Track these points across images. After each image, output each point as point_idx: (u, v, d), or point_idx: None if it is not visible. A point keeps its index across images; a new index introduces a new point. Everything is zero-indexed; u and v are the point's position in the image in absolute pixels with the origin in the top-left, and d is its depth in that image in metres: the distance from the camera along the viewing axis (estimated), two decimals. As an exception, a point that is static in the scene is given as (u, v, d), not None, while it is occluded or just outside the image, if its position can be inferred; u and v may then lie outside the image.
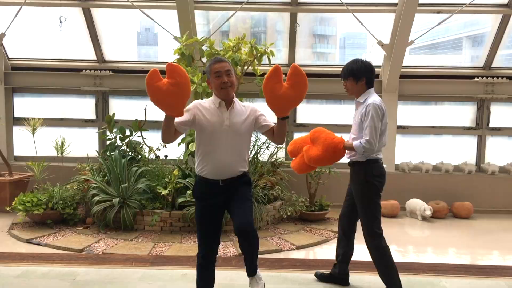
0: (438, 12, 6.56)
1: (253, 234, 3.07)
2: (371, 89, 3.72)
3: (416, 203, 6.64)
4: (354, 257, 4.92)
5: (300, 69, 2.94)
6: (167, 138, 3.05)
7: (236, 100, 3.20)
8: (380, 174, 3.72)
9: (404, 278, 4.19)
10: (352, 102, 7.37)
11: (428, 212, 6.45)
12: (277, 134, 3.13)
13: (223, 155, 3.06)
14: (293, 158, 3.85)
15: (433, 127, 7.37)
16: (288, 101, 2.96)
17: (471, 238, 5.90)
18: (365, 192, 3.70)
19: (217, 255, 3.25)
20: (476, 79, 7.07)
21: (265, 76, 2.97)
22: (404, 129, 7.34)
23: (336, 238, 4.10)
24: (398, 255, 5.27)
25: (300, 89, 2.94)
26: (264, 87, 2.96)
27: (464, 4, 6.25)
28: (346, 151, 3.69)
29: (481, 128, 7.32)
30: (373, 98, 3.64)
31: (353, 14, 6.36)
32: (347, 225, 3.96)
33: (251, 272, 3.25)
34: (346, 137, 3.91)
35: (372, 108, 3.56)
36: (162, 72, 2.81)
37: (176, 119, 3.00)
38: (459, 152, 7.39)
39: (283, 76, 2.98)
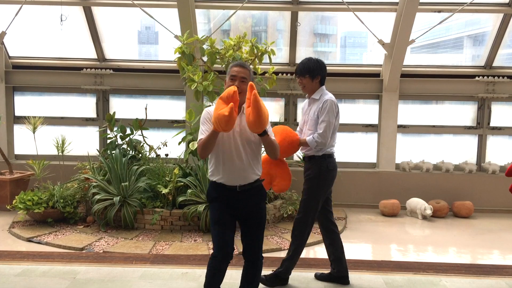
0: (439, 11, 6.55)
1: (260, 264, 3.23)
2: (323, 87, 3.87)
3: (416, 202, 6.64)
4: (354, 257, 4.94)
5: (256, 98, 2.83)
6: (207, 152, 3.05)
7: (244, 105, 3.15)
8: (333, 168, 3.87)
9: (404, 277, 4.21)
10: (352, 102, 7.44)
11: (429, 211, 6.45)
12: (266, 150, 3.14)
13: (235, 160, 3.05)
14: None
15: (433, 126, 7.37)
16: (249, 123, 2.91)
17: (471, 237, 5.90)
18: (318, 185, 3.80)
19: (232, 258, 3.14)
20: (477, 78, 7.06)
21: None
22: (404, 128, 7.33)
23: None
24: (398, 254, 5.27)
25: (256, 116, 2.84)
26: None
27: (465, 3, 6.24)
28: (301, 146, 3.84)
29: (482, 127, 7.32)
30: (329, 95, 3.81)
31: (354, 13, 6.36)
32: (325, 221, 4.02)
33: None
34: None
35: (330, 104, 3.72)
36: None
37: (201, 136, 3.04)
38: (459, 151, 7.39)
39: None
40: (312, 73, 3.78)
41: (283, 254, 4.99)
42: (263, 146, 3.18)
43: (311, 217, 3.85)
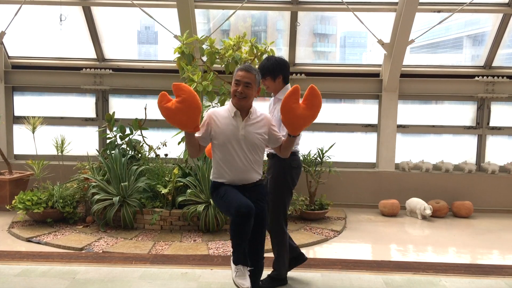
0: (439, 11, 6.55)
1: (261, 262, 3.29)
2: (288, 85, 3.81)
3: (416, 202, 6.64)
4: (354, 257, 4.95)
5: (317, 91, 3.05)
6: (194, 153, 3.18)
7: (254, 109, 3.24)
8: (298, 166, 3.87)
9: (404, 277, 4.21)
10: (352, 102, 7.44)
11: (428, 211, 6.45)
12: (285, 149, 3.26)
13: (238, 163, 3.12)
14: None
15: (433, 126, 7.37)
16: (304, 121, 3.09)
17: (471, 237, 5.90)
18: (283, 183, 3.77)
19: (254, 210, 3.02)
20: (476, 78, 7.06)
21: (285, 95, 3.06)
22: (404, 128, 7.34)
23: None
24: (398, 254, 5.27)
25: (315, 110, 3.09)
26: (282, 106, 3.06)
27: (465, 3, 6.24)
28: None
29: (481, 127, 7.32)
30: None
31: (354, 13, 6.35)
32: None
33: None
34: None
35: None
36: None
37: (196, 134, 3.09)
38: (459, 151, 7.39)
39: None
40: (273, 73, 3.73)
41: (282, 254, 4.99)
42: (275, 145, 3.28)
43: (283, 220, 3.81)
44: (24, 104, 7.42)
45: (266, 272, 4.03)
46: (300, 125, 3.13)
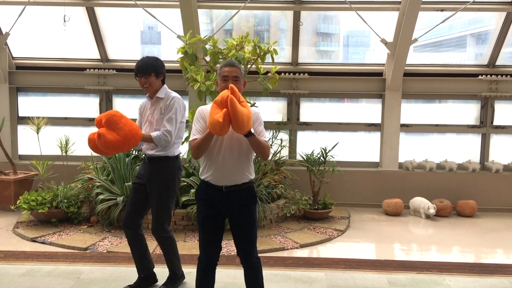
0: (442, 10, 6.54)
1: (255, 263, 3.13)
2: (166, 86, 3.76)
3: (420, 202, 6.63)
4: (358, 256, 4.95)
5: (232, 103, 2.71)
6: (202, 153, 3.01)
7: None
8: (182, 169, 3.84)
9: (408, 276, 4.21)
10: (355, 101, 7.43)
11: (432, 211, 6.44)
12: (252, 149, 3.00)
13: (226, 160, 3.00)
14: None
15: (437, 125, 7.36)
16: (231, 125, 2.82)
17: (475, 236, 5.89)
18: (171, 186, 3.69)
19: (218, 260, 3.18)
20: (480, 77, 7.05)
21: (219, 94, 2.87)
22: (407, 127, 7.32)
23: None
24: (401, 254, 5.27)
25: (233, 119, 2.74)
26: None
27: (468, 1, 6.23)
28: (142, 142, 3.64)
29: (485, 126, 7.30)
30: (175, 93, 3.71)
31: (357, 12, 6.35)
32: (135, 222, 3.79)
33: None
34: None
35: (177, 101, 3.64)
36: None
37: (196, 135, 2.99)
38: (463, 150, 7.37)
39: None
40: (157, 71, 3.65)
41: (286, 253, 5.01)
42: None
43: (167, 223, 3.74)
44: (28, 104, 7.45)
45: (268, 271, 4.05)
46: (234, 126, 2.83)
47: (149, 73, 3.63)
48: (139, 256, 3.83)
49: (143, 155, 3.82)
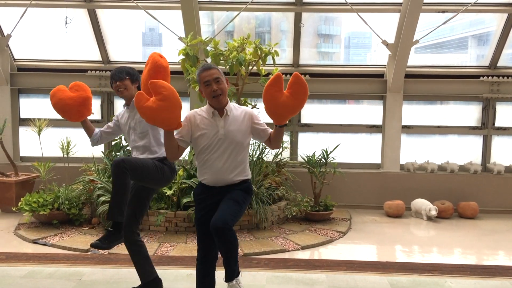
0: (443, 11, 6.54)
1: (227, 233, 2.84)
2: None
3: (421, 203, 6.62)
4: (359, 258, 4.94)
5: (302, 78, 2.90)
6: (173, 155, 3.01)
7: (231, 105, 3.12)
8: (175, 172, 3.73)
9: (409, 278, 4.20)
10: (356, 102, 7.43)
11: (434, 212, 6.43)
12: (274, 140, 3.07)
13: (220, 164, 3.03)
14: None
15: (438, 126, 7.35)
16: (287, 110, 2.90)
17: (476, 238, 5.88)
18: (150, 190, 3.61)
19: (217, 260, 3.18)
20: (481, 78, 7.04)
21: (266, 84, 2.93)
22: (409, 129, 7.32)
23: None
24: (403, 255, 5.26)
25: (300, 98, 2.90)
26: (264, 94, 2.91)
27: (469, 3, 6.23)
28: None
29: (487, 127, 7.29)
30: None
31: (358, 14, 6.35)
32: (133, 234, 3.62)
33: (228, 277, 3.04)
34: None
35: None
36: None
37: (176, 135, 2.98)
38: (464, 151, 7.36)
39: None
40: (132, 76, 3.61)
41: (287, 255, 5.01)
42: (262, 138, 3.12)
43: (136, 228, 3.57)
44: (29, 106, 7.46)
45: (269, 272, 4.05)
46: (285, 115, 2.94)
47: (123, 77, 3.58)
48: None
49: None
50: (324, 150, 6.53)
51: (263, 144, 6.29)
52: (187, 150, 6.46)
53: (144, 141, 3.56)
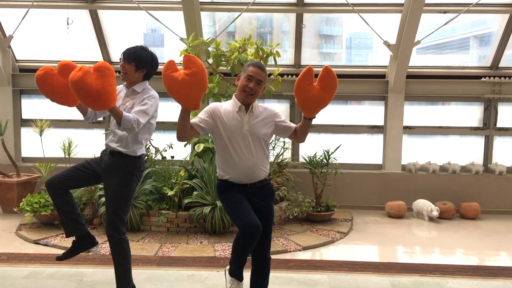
0: (445, 12, 6.53)
1: (268, 263, 3.21)
2: (146, 82, 3.48)
3: (423, 204, 6.61)
4: (360, 258, 4.94)
5: (332, 71, 2.96)
6: (182, 134, 2.95)
7: (256, 103, 3.15)
8: (143, 170, 3.62)
9: (410, 279, 4.19)
10: (357, 103, 7.42)
11: (435, 213, 6.42)
12: (302, 133, 3.18)
13: (247, 159, 3.03)
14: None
15: (440, 127, 7.34)
16: (319, 102, 3.01)
17: (478, 238, 5.87)
18: (130, 186, 3.48)
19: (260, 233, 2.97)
20: (483, 79, 7.03)
21: (298, 77, 2.96)
22: (410, 130, 7.31)
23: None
24: (404, 256, 5.26)
25: (331, 91, 2.99)
26: (296, 87, 2.97)
27: (471, 3, 6.22)
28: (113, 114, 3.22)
29: (489, 128, 7.28)
30: (155, 92, 3.45)
31: (359, 15, 6.35)
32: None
33: None
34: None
35: (154, 99, 3.39)
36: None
37: (194, 119, 2.99)
38: (466, 152, 7.35)
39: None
40: (140, 62, 3.38)
41: (289, 256, 5.01)
42: (286, 133, 3.20)
43: (123, 225, 3.45)
44: (31, 107, 7.47)
45: (270, 273, 4.04)
46: (315, 107, 3.03)
47: (129, 59, 3.39)
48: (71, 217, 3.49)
49: (104, 149, 3.56)
50: (325, 150, 6.53)
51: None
52: (189, 150, 6.50)
53: (124, 133, 3.36)
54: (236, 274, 3.08)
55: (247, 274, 3.20)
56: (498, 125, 7.27)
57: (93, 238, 3.61)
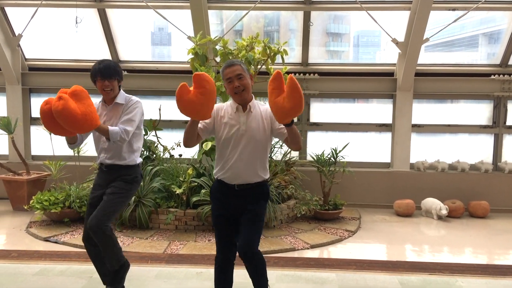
0: (454, 9, 6.49)
1: (256, 258, 3.05)
2: (122, 90, 3.60)
3: (432, 202, 6.58)
4: (369, 257, 4.93)
5: (295, 82, 2.72)
6: (190, 142, 3.02)
7: (255, 102, 3.12)
8: (142, 177, 3.70)
9: (419, 277, 4.18)
10: (365, 101, 7.40)
11: (444, 212, 6.39)
12: (290, 140, 2.98)
13: (239, 160, 3.03)
14: None
15: (449, 125, 7.30)
16: (283, 111, 2.78)
17: (487, 237, 5.83)
18: (129, 194, 3.55)
19: (234, 259, 3.19)
20: (492, 76, 6.98)
21: (270, 79, 2.87)
22: (419, 128, 7.28)
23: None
24: (413, 255, 5.24)
25: (294, 102, 2.72)
26: (268, 91, 2.86)
27: (480, 0, 6.17)
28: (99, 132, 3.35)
29: (498, 126, 7.22)
30: (136, 97, 3.58)
31: (367, 12, 6.33)
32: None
33: None
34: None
35: (140, 106, 3.53)
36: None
37: (199, 125, 3.02)
38: (475, 150, 7.30)
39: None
40: (120, 76, 3.54)
41: (297, 254, 5.01)
42: (284, 140, 3.08)
43: (110, 221, 3.47)
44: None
45: (278, 271, 4.05)
46: (281, 115, 2.81)
47: (113, 77, 3.46)
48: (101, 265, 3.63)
49: (98, 165, 3.64)
50: (333, 149, 6.52)
51: (276, 142, 6.33)
52: (197, 148, 6.52)
53: (115, 145, 3.44)
54: None
55: (243, 272, 3.20)
56: (508, 123, 7.21)
57: (128, 264, 3.71)
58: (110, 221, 3.44)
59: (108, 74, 3.43)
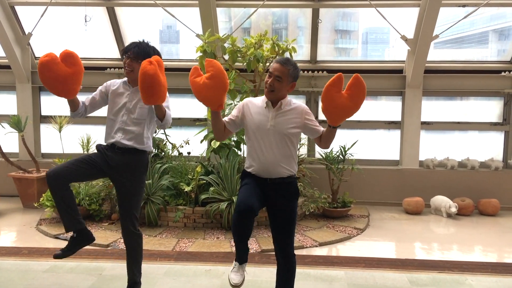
0: (464, 5, 6.43)
1: (292, 259, 3.19)
2: None
3: (441, 200, 6.54)
4: (378, 255, 4.91)
5: (362, 81, 2.93)
6: (218, 135, 3.13)
7: (288, 100, 3.12)
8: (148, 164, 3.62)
9: (429, 275, 4.16)
10: (374, 99, 7.36)
11: (454, 209, 6.35)
12: (326, 140, 3.11)
13: (268, 154, 3.05)
14: None
15: (458, 122, 7.24)
16: (344, 111, 2.95)
17: (497, 235, 5.79)
18: (143, 181, 3.50)
19: (256, 214, 2.95)
20: (503, 73, 6.91)
21: (327, 83, 2.93)
22: (428, 125, 7.23)
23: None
24: (422, 253, 5.21)
25: (358, 101, 2.94)
26: (323, 94, 2.93)
27: (491, -4, 6.12)
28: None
29: (508, 123, 7.16)
30: None
31: (376, 9, 6.29)
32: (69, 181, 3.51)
33: None
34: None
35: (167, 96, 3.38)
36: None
37: (226, 118, 3.09)
38: (485, 148, 7.25)
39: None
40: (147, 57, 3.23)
41: (305, 252, 5.01)
42: (314, 136, 3.14)
43: (137, 220, 3.51)
44: (50, 103, 7.57)
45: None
46: (341, 116, 2.99)
47: (138, 58, 3.34)
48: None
49: (108, 145, 3.51)
50: (342, 146, 6.50)
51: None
52: (205, 146, 6.53)
53: (137, 128, 3.38)
54: (237, 257, 3.07)
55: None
56: (518, 120, 7.16)
57: (90, 235, 3.58)
58: (137, 218, 3.51)
59: (133, 53, 3.38)
